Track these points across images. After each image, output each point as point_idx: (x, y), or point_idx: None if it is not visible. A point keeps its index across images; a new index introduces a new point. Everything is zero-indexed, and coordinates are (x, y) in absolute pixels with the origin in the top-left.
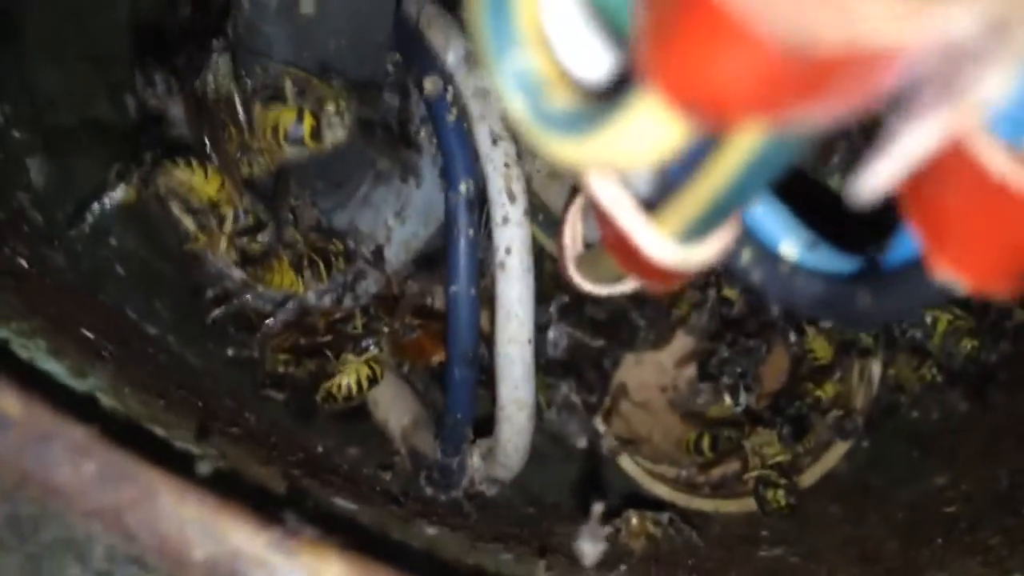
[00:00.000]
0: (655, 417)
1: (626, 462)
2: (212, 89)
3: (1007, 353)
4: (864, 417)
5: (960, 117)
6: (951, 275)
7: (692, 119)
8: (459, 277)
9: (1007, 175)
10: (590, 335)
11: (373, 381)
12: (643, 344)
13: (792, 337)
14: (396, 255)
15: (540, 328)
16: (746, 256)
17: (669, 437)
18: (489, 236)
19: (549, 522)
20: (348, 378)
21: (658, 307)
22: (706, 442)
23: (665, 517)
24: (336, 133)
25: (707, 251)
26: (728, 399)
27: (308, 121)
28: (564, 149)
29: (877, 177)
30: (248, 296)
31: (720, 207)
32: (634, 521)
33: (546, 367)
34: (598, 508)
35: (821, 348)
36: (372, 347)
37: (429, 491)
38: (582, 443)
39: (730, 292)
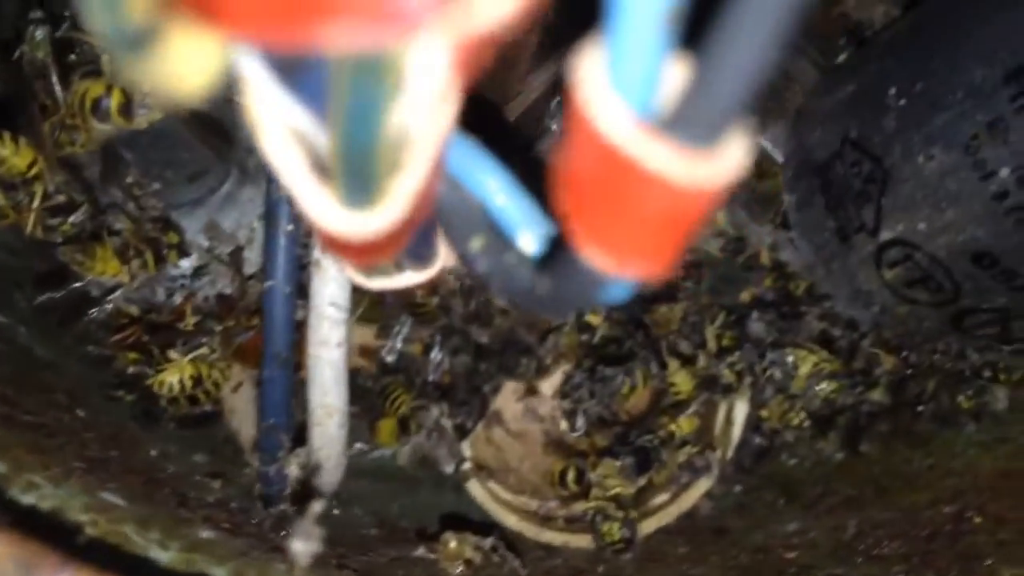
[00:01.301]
0: (528, 447)
1: (475, 488)
2: (28, 61)
3: (886, 404)
4: (723, 457)
5: None
6: (596, 256)
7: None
8: (276, 272)
9: (630, 145)
10: (471, 359)
11: (199, 382)
12: (525, 372)
13: (653, 369)
14: (259, 257)
15: (425, 350)
16: (476, 244)
17: (538, 468)
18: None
19: (384, 545)
20: (171, 377)
21: (543, 335)
22: (571, 475)
23: (488, 543)
24: (152, 113)
25: (379, 218)
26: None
27: (116, 96)
28: (134, 68)
29: None
30: (78, 283)
31: (351, 159)
32: (452, 544)
33: (422, 389)
34: (316, 507)
35: (683, 382)
36: (201, 346)
37: (259, 504)
38: (449, 468)
39: (593, 318)
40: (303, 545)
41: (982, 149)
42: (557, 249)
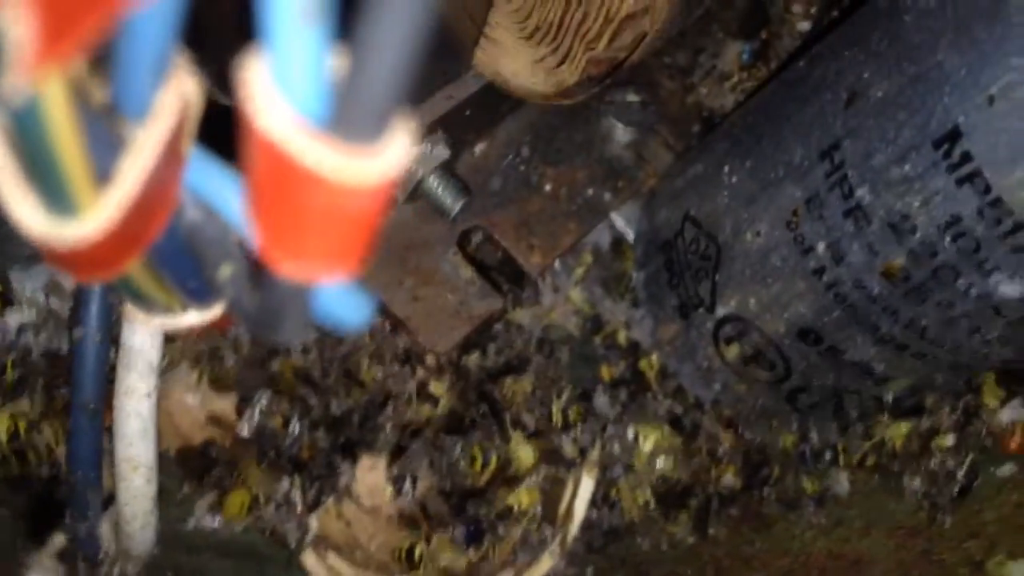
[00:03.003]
0: (379, 524)
1: (309, 559)
2: None
3: (737, 488)
4: (565, 535)
5: None
6: (278, 262)
7: None
8: (88, 319)
9: (287, 142)
10: (329, 432)
11: (15, 436)
12: (383, 446)
13: (496, 440)
14: None
15: (285, 422)
16: (225, 272)
17: (387, 545)
18: None
19: None
20: None
21: (382, 405)
22: (418, 552)
23: None
24: None
25: (82, 228)
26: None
27: None
28: None
29: None
30: None
31: (32, 160)
32: None
33: (274, 461)
34: (57, 541)
35: (525, 455)
36: (21, 399)
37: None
38: (294, 541)
39: (437, 388)
40: None
41: (801, 225)
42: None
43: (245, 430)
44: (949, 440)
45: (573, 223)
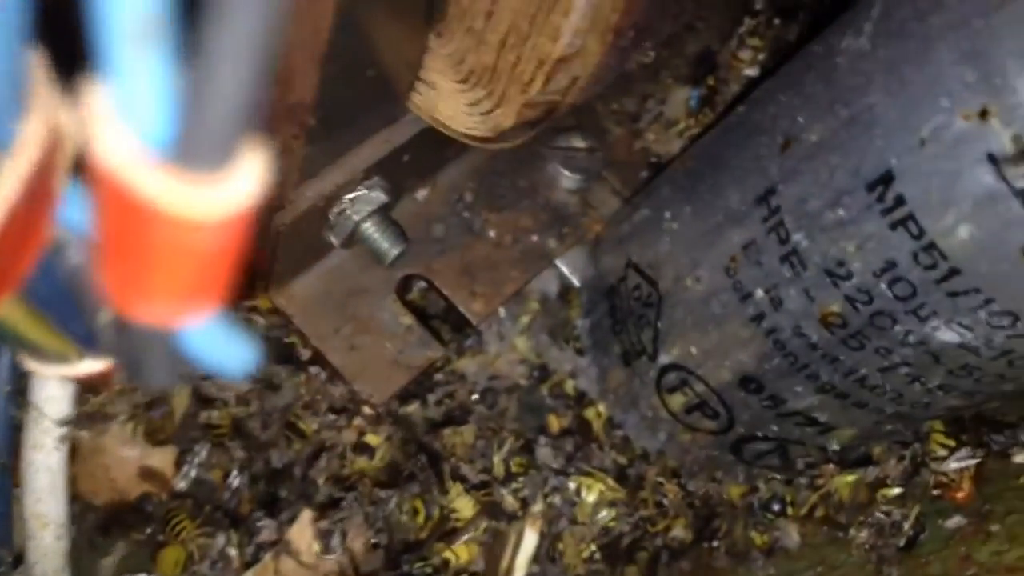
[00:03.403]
0: None
1: None
2: None
3: (686, 541)
4: None
5: None
6: (127, 303)
7: None
8: None
9: (125, 173)
10: (269, 486)
11: None
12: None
13: (435, 492)
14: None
15: (225, 475)
16: (103, 316)
17: None
18: None
19: None
20: None
21: (313, 458)
22: None
23: None
24: None
25: None
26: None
27: None
28: None
29: None
30: None
31: None
32: None
33: (210, 516)
34: None
35: (463, 506)
36: None
37: None
38: None
39: (373, 439)
40: None
41: (739, 271)
42: None
43: (182, 484)
44: (895, 491)
45: (517, 270)
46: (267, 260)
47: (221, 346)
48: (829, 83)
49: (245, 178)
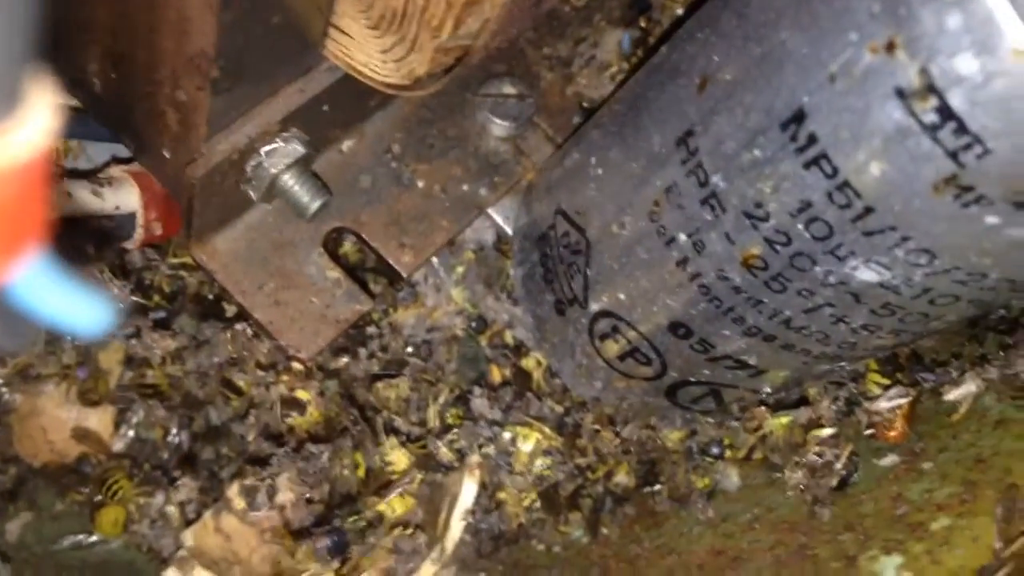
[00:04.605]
0: (262, 537)
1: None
2: None
3: (630, 486)
4: (443, 541)
5: None
6: None
7: None
8: None
9: None
10: (206, 442)
11: None
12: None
13: (368, 445)
14: None
15: (164, 434)
16: None
17: (269, 559)
18: None
19: None
20: None
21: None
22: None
23: None
24: None
25: None
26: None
27: None
28: None
29: None
30: None
31: None
32: None
33: (148, 475)
34: None
35: (398, 459)
36: None
37: None
38: (168, 552)
39: (303, 394)
40: None
41: (663, 215)
42: None
43: (119, 444)
44: (827, 431)
45: (446, 220)
46: (184, 214)
47: (66, 303)
48: (742, 19)
49: (31, 125)
